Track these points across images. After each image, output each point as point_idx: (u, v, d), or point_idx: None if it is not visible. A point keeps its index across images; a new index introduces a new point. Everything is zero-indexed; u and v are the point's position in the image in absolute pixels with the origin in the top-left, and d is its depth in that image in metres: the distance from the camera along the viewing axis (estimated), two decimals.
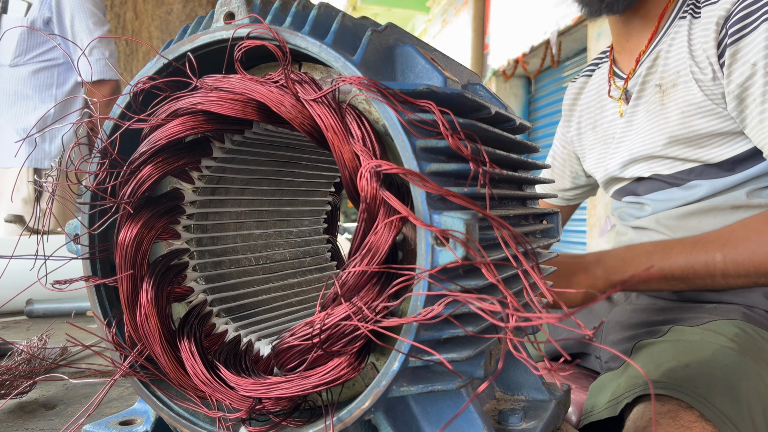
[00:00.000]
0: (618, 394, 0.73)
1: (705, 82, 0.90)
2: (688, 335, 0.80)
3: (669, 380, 0.69)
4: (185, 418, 0.44)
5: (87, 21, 1.93)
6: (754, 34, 0.83)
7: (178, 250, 0.48)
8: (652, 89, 1.00)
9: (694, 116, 0.93)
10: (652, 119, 0.99)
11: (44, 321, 1.18)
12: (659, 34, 1.00)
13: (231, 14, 0.40)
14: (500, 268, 0.40)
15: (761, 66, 0.83)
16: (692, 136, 0.94)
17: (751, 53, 0.84)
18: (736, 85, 0.86)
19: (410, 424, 0.40)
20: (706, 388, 0.67)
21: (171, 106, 0.41)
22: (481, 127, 0.40)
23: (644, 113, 1.01)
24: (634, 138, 1.03)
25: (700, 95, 0.91)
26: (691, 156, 0.96)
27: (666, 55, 0.97)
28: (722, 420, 0.64)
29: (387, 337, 0.35)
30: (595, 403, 0.77)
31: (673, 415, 0.66)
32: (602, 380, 0.81)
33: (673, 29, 0.97)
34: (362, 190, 0.35)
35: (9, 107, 1.96)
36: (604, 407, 0.74)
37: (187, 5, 3.45)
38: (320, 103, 0.36)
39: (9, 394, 0.61)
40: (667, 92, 0.97)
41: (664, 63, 0.97)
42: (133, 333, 0.43)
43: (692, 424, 0.64)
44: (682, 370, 0.71)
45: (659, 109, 0.98)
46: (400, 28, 0.42)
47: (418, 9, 6.81)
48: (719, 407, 0.65)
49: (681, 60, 0.94)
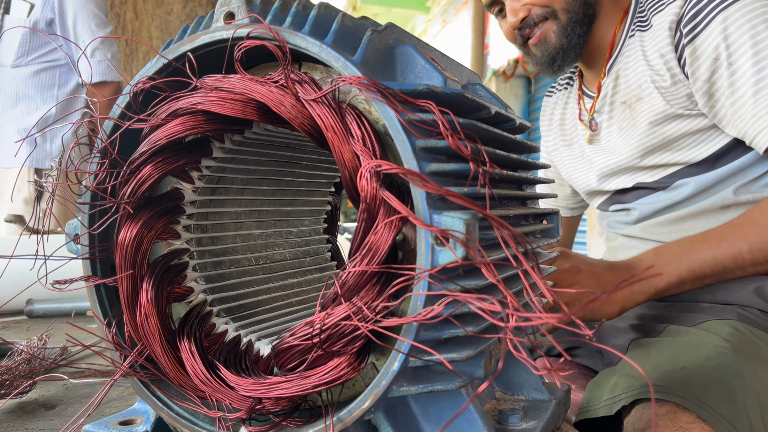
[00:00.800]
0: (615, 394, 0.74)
1: (667, 89, 0.93)
2: (683, 335, 0.80)
3: (665, 383, 0.69)
4: (185, 418, 0.44)
5: (89, 22, 1.93)
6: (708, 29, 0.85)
7: (178, 250, 0.48)
8: (620, 107, 1.03)
9: (663, 123, 0.95)
10: (624, 134, 1.02)
11: (44, 321, 1.18)
12: (614, 55, 1.04)
13: (231, 14, 0.40)
14: (500, 268, 0.40)
15: (723, 58, 0.84)
16: (666, 142, 0.96)
17: (709, 48, 0.85)
18: (702, 82, 0.88)
19: (410, 424, 0.40)
20: (701, 389, 0.68)
21: (171, 106, 0.41)
22: (481, 127, 0.40)
23: (617, 131, 1.04)
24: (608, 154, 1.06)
25: (663, 103, 0.94)
26: (671, 160, 0.97)
27: (625, 73, 1.01)
28: (718, 420, 0.65)
29: (387, 337, 0.35)
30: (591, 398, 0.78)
31: (672, 416, 0.66)
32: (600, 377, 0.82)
33: (625, 49, 1.01)
34: (362, 190, 0.35)
35: (11, 107, 1.96)
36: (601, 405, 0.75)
37: (187, 5, 3.45)
38: (320, 103, 0.36)
39: (9, 394, 0.61)
40: (633, 107, 1.00)
41: (625, 81, 1.01)
42: (133, 333, 0.43)
43: (691, 426, 0.64)
44: (678, 372, 0.71)
45: (630, 124, 1.01)
46: (400, 28, 0.42)
47: (418, 9, 6.81)
48: (715, 408, 0.66)
49: (639, 73, 0.97)
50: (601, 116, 1.08)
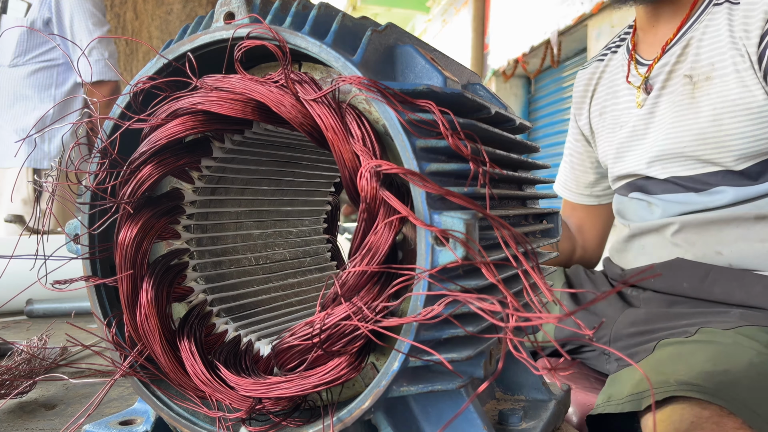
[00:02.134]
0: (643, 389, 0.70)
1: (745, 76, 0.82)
2: (720, 338, 0.75)
3: (709, 384, 0.66)
4: (185, 418, 0.44)
5: (86, 21, 1.92)
6: None
7: (178, 250, 0.48)
8: (680, 80, 0.91)
9: (727, 114, 0.85)
10: (679, 113, 0.91)
11: (44, 321, 1.18)
12: (690, 20, 0.91)
13: (231, 14, 0.40)
14: (500, 268, 0.40)
15: None
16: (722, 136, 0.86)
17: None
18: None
19: (410, 424, 0.40)
20: (750, 394, 0.65)
21: (171, 106, 0.41)
22: (481, 127, 0.40)
23: (669, 105, 0.92)
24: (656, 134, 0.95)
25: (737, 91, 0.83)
26: (716, 158, 0.88)
27: (699, 44, 0.89)
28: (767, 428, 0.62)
29: (387, 337, 0.35)
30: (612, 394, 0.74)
31: (716, 420, 0.63)
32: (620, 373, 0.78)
33: (707, 15, 0.89)
34: (362, 190, 0.35)
35: (8, 107, 1.96)
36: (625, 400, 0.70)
37: (187, 5, 3.45)
38: (320, 103, 0.36)
39: (9, 394, 0.61)
40: (698, 85, 0.88)
41: (696, 52, 0.89)
42: (133, 333, 0.43)
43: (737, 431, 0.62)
44: (721, 374, 0.68)
45: (689, 102, 0.89)
46: (400, 28, 0.42)
47: (418, 9, 6.81)
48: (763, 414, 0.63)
49: (718, 50, 0.86)
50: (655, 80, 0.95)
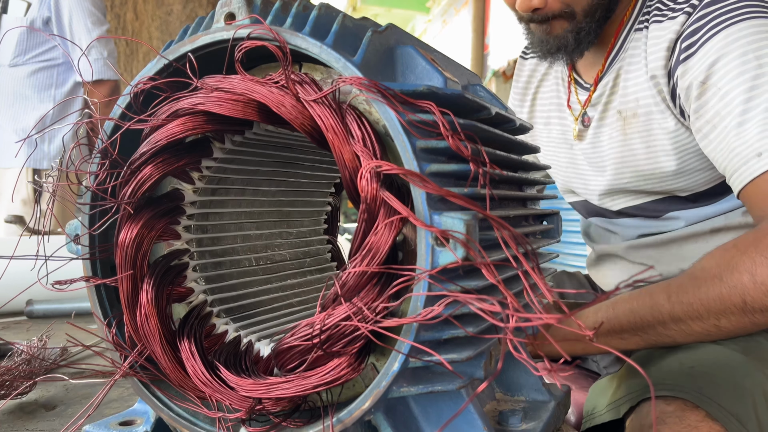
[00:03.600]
0: (619, 397, 0.73)
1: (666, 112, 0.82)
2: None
3: (673, 381, 0.69)
4: (185, 419, 0.44)
5: (85, 20, 1.92)
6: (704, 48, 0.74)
7: (179, 250, 0.48)
8: (614, 115, 0.90)
9: (660, 152, 0.85)
10: (617, 150, 0.90)
11: (44, 321, 1.18)
12: (616, 47, 0.89)
13: (232, 15, 0.40)
14: (500, 268, 0.40)
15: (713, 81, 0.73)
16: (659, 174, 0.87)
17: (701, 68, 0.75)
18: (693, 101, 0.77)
19: (410, 424, 0.40)
20: (711, 387, 0.67)
21: (171, 106, 0.41)
22: (481, 127, 0.40)
23: (608, 141, 0.92)
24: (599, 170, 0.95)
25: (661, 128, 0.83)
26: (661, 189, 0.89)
27: (626, 76, 0.87)
28: (728, 419, 0.64)
29: (387, 338, 0.35)
30: (596, 405, 0.77)
31: (679, 414, 0.65)
32: (602, 383, 0.81)
33: (630, 43, 0.87)
34: (362, 191, 0.35)
35: (8, 107, 1.96)
36: (605, 410, 0.74)
37: (187, 6, 3.45)
38: (321, 104, 0.36)
39: (9, 395, 0.61)
40: (628, 121, 0.87)
41: (624, 85, 0.87)
42: (133, 333, 0.43)
43: (699, 424, 0.64)
44: (686, 371, 0.70)
45: (623, 139, 0.89)
46: (400, 29, 0.42)
47: (418, 9, 6.81)
48: (726, 406, 0.65)
49: (639, 84, 0.85)
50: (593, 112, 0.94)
